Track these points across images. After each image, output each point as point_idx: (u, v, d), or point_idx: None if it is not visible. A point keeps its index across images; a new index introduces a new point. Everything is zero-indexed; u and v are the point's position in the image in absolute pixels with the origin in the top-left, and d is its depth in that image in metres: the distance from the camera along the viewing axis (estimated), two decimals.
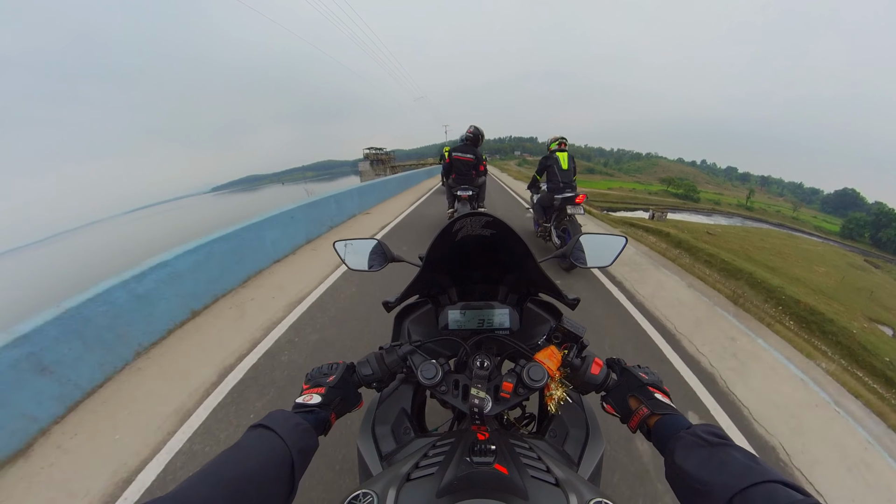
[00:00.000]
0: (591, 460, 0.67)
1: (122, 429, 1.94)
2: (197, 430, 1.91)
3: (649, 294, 3.74)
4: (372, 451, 0.69)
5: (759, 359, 2.71)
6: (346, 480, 1.56)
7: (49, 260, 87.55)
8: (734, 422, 2.05)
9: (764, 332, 3.18)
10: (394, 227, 6.79)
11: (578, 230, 3.98)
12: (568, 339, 0.67)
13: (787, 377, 2.53)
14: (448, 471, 0.49)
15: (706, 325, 3.16)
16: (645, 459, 1.70)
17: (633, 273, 4.38)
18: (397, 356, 0.69)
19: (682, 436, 0.50)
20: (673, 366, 2.54)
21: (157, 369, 2.43)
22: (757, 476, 0.40)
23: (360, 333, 2.78)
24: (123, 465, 1.73)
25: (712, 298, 3.82)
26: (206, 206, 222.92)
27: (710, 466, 0.44)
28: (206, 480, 0.41)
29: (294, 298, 3.46)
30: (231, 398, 2.13)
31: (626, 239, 0.82)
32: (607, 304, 3.46)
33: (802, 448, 1.90)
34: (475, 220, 0.62)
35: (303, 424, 0.54)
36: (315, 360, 2.46)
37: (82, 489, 1.60)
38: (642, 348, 2.75)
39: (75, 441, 1.87)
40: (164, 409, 2.06)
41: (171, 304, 2.90)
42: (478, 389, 0.61)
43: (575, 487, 0.48)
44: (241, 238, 3.90)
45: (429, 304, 0.88)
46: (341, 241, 0.92)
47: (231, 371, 2.39)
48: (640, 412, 0.59)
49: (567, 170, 4.16)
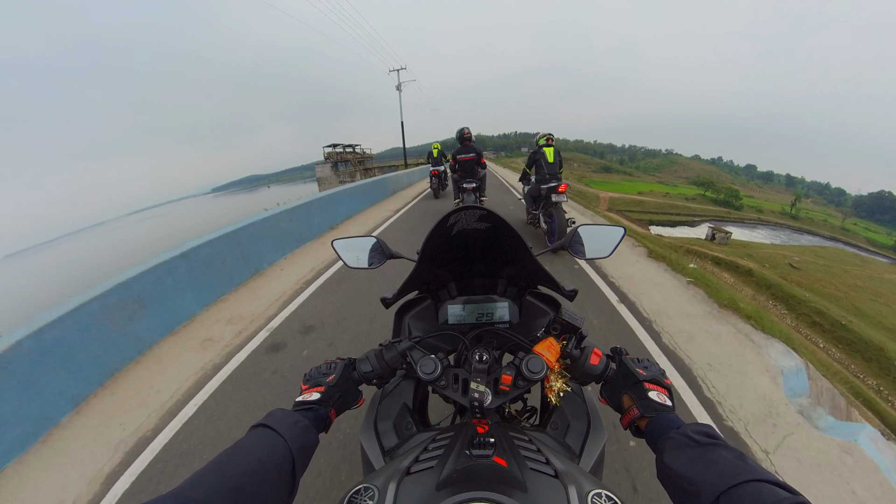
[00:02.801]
0: (592, 452, 0.68)
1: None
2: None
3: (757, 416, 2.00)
4: (374, 447, 0.71)
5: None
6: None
7: (60, 260, 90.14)
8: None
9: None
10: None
11: (563, 216, 4.54)
12: (566, 330, 0.68)
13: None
14: (447, 464, 0.51)
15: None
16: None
17: (717, 348, 2.60)
18: (397, 352, 0.71)
19: (673, 436, 0.51)
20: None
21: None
22: (744, 475, 0.41)
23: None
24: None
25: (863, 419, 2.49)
26: (205, 207, 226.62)
27: (698, 466, 0.45)
28: (207, 479, 0.42)
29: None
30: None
31: (625, 230, 0.84)
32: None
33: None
34: (470, 213, 0.64)
35: (302, 422, 0.56)
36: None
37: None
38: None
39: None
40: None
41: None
42: (477, 383, 0.63)
43: (574, 479, 0.49)
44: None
45: (428, 300, 0.90)
46: (340, 240, 0.95)
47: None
48: (630, 412, 0.60)
49: (553, 163, 4.75)
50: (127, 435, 2.12)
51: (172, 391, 2.47)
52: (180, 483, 0.41)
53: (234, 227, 4.22)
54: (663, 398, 0.59)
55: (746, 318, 3.04)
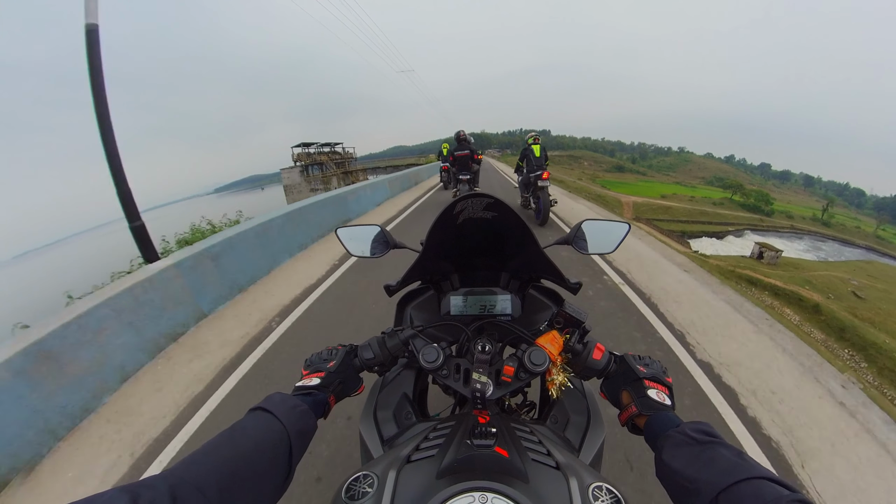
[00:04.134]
0: (592, 446, 0.68)
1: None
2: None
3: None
4: (374, 435, 0.72)
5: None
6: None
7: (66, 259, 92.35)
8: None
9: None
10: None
11: (546, 197, 5.81)
12: (570, 324, 0.68)
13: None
14: (448, 453, 0.51)
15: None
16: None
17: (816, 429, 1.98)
18: (399, 340, 0.72)
19: (672, 434, 0.51)
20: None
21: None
22: (744, 472, 0.41)
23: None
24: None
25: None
26: (207, 207, 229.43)
27: (697, 464, 0.46)
28: (200, 461, 0.42)
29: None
30: None
31: (629, 226, 0.84)
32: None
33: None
34: (476, 201, 0.63)
35: (301, 406, 0.55)
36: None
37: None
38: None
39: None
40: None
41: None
42: (479, 374, 0.63)
43: (576, 471, 0.48)
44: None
45: (431, 291, 0.91)
46: (343, 228, 0.95)
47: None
48: (629, 409, 0.60)
49: (539, 157, 6.16)
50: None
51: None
52: (173, 464, 0.41)
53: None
54: (663, 396, 0.60)
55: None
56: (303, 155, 31.54)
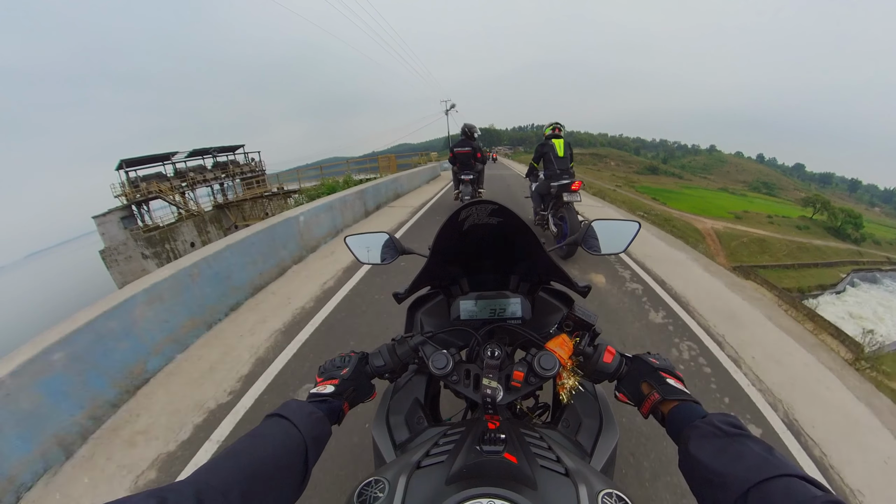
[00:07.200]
0: (604, 451, 0.70)
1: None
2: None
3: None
4: (386, 440, 0.75)
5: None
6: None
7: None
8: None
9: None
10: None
11: (575, 218, 4.04)
12: (579, 327, 0.70)
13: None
14: (458, 459, 0.53)
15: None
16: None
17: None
18: (409, 347, 0.74)
19: (698, 425, 0.51)
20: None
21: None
22: (774, 469, 0.41)
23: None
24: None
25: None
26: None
27: (725, 458, 0.45)
28: (223, 466, 0.45)
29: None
30: None
31: (639, 225, 0.86)
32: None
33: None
34: (481, 208, 0.65)
35: (316, 413, 0.59)
36: None
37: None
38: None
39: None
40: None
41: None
42: (489, 379, 0.65)
43: (585, 478, 0.50)
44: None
45: (441, 296, 0.93)
46: (352, 236, 1.00)
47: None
48: (651, 397, 0.61)
49: (563, 157, 4.26)
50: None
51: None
52: (196, 470, 0.44)
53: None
54: (680, 386, 0.61)
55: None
56: (138, 187, 17.18)
